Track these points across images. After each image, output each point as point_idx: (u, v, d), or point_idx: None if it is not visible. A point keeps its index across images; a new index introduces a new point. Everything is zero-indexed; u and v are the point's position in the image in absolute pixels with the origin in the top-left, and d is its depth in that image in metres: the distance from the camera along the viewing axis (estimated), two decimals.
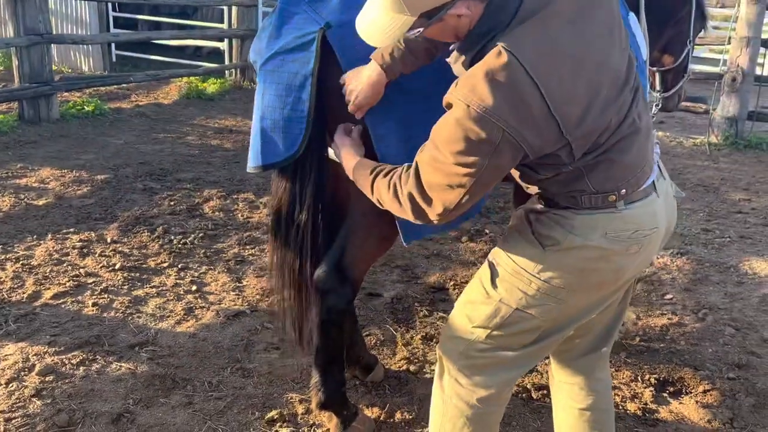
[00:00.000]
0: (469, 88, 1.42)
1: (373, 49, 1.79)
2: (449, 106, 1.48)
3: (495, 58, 1.41)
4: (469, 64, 1.50)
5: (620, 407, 2.68)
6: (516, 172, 1.66)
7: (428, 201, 1.56)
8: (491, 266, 1.74)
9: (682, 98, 3.42)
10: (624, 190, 1.59)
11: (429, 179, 1.54)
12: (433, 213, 1.57)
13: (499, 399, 1.83)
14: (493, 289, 1.71)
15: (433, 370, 2.08)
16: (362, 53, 1.84)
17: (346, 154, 1.90)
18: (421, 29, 1.49)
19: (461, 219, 2.24)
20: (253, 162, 2.12)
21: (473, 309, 1.76)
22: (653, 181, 1.67)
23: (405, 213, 1.63)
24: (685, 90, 3.41)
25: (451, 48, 1.59)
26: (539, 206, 1.69)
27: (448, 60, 1.59)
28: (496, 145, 1.43)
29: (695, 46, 3.44)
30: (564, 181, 1.57)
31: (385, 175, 1.69)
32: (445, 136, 1.47)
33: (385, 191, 1.65)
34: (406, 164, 1.64)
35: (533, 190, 1.69)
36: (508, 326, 1.70)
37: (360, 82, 1.86)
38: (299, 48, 1.95)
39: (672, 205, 1.79)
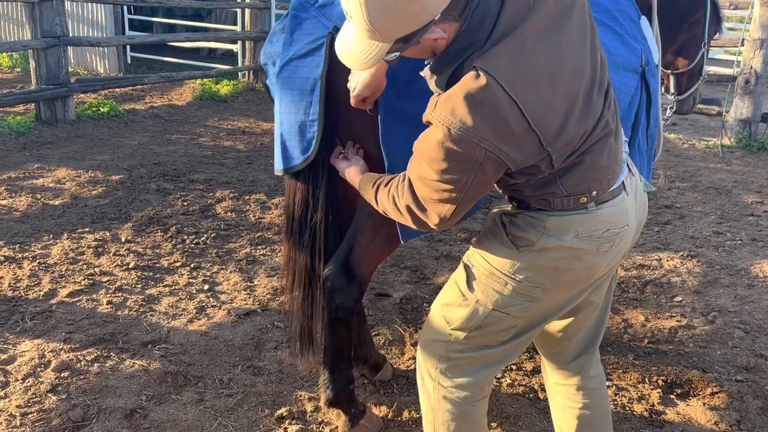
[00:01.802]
0: (448, 111, 1.43)
1: None
2: (429, 123, 1.50)
3: (473, 79, 1.42)
4: (445, 82, 1.51)
5: (627, 408, 2.70)
6: None
7: (424, 211, 1.60)
8: (466, 268, 1.76)
9: (697, 101, 3.40)
10: (595, 192, 1.61)
11: (420, 193, 1.58)
12: (431, 222, 1.61)
13: (483, 393, 1.87)
14: (470, 291, 1.74)
15: None
16: None
17: (352, 175, 1.94)
18: (398, 53, 1.49)
19: (474, 209, 2.27)
20: (277, 165, 2.20)
21: (450, 311, 1.78)
22: (623, 180, 1.68)
23: (408, 222, 1.68)
24: (701, 93, 3.39)
25: (426, 63, 1.60)
26: (512, 208, 1.72)
27: (422, 74, 1.61)
28: (479, 162, 1.45)
29: (709, 48, 3.43)
30: (536, 184, 1.59)
31: (386, 186, 1.72)
32: (429, 156, 1.50)
33: (387, 202, 1.70)
34: (403, 174, 1.67)
35: (506, 193, 1.72)
36: (485, 327, 1.73)
37: (361, 73, 1.85)
38: (310, 53, 1.99)
39: (643, 200, 1.81)
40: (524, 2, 1.46)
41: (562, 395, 2.06)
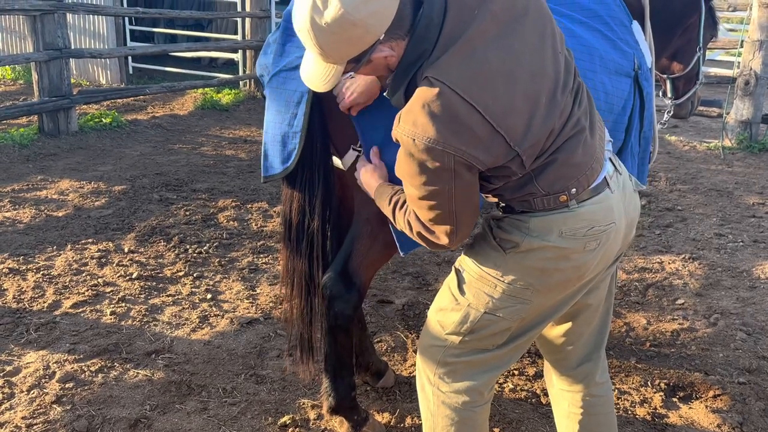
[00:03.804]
0: (411, 123, 1.48)
1: None
2: (397, 141, 1.55)
3: (428, 89, 1.47)
4: (403, 95, 1.56)
5: (630, 412, 2.70)
6: None
7: (432, 234, 1.65)
8: (458, 273, 1.80)
9: (696, 105, 3.39)
10: (574, 189, 1.62)
11: (421, 216, 1.63)
12: (443, 242, 1.66)
13: (483, 398, 1.87)
14: (461, 295, 1.76)
15: None
16: None
17: (368, 179, 1.94)
18: (353, 72, 1.58)
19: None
20: (262, 173, 2.22)
21: (444, 316, 1.81)
22: (605, 178, 1.69)
23: (427, 246, 1.72)
24: (699, 96, 3.39)
25: (387, 82, 1.65)
26: (498, 213, 1.75)
27: (385, 95, 1.66)
28: (452, 169, 1.50)
29: (709, 50, 3.42)
30: (515, 187, 1.62)
31: (401, 208, 1.74)
32: (406, 172, 1.56)
33: (405, 227, 1.73)
34: None
35: (491, 198, 1.75)
36: (478, 330, 1.74)
37: (357, 80, 1.90)
38: (300, 66, 2.01)
39: (633, 199, 1.81)
40: (467, 11, 1.50)
41: (568, 402, 2.06)
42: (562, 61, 1.60)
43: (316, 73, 1.58)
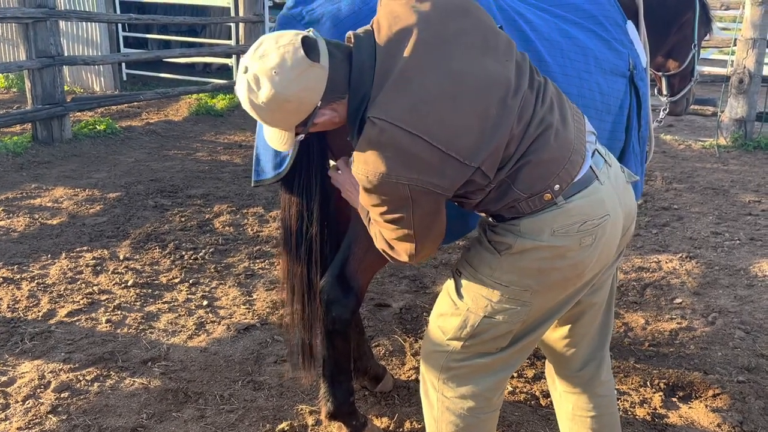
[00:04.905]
0: (362, 162, 1.54)
1: None
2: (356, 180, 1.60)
3: (370, 128, 1.52)
4: (356, 139, 1.61)
5: (629, 413, 2.69)
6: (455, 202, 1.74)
7: (393, 250, 1.72)
8: (455, 277, 1.79)
9: (691, 102, 3.40)
10: (557, 186, 1.61)
11: (384, 235, 1.69)
12: (403, 259, 1.72)
13: (491, 405, 1.85)
14: (460, 299, 1.75)
15: None
16: None
17: (347, 186, 1.93)
18: (304, 134, 1.67)
19: (464, 230, 2.27)
20: (253, 177, 2.20)
21: (444, 321, 1.80)
22: (592, 169, 1.67)
23: (390, 260, 1.79)
24: (694, 93, 3.40)
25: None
26: (491, 220, 1.75)
27: (349, 140, 1.71)
28: (409, 197, 1.54)
29: (702, 48, 3.43)
30: (496, 198, 1.63)
31: (372, 222, 1.78)
32: (367, 203, 1.63)
33: (373, 237, 1.79)
34: None
35: (479, 211, 1.76)
36: (479, 334, 1.73)
37: (346, 181, 1.92)
38: None
39: (627, 191, 1.79)
40: (395, 45, 1.55)
41: (572, 404, 2.04)
42: (511, 67, 1.61)
43: (274, 138, 1.68)
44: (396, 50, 1.55)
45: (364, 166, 1.53)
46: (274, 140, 1.69)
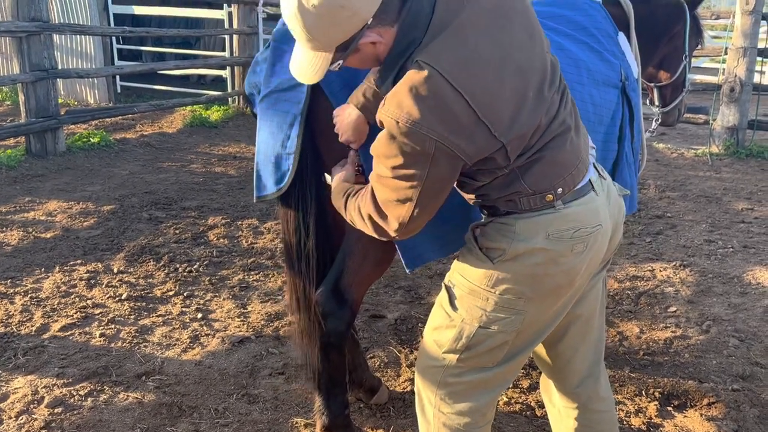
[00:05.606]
0: (396, 104, 1.46)
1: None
2: (381, 123, 1.53)
3: (416, 72, 1.45)
4: (392, 84, 1.55)
5: (624, 422, 2.69)
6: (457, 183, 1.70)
7: (384, 217, 1.62)
8: (448, 290, 1.77)
9: (683, 113, 3.44)
10: (560, 189, 1.62)
11: (380, 196, 1.60)
12: (391, 228, 1.62)
13: (486, 419, 1.84)
14: (454, 311, 1.74)
15: None
16: (352, 91, 1.89)
17: (335, 180, 1.94)
18: (341, 61, 1.56)
19: (461, 242, 2.27)
20: (255, 193, 2.22)
21: (439, 334, 1.78)
22: (590, 180, 1.69)
23: (370, 231, 1.69)
24: (686, 104, 3.43)
25: (375, 70, 1.65)
26: (482, 218, 1.74)
27: (375, 82, 1.65)
28: (431, 155, 1.47)
29: (693, 57, 3.47)
30: (501, 185, 1.61)
31: (354, 196, 1.74)
32: (383, 152, 1.53)
33: (354, 212, 1.71)
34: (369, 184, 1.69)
35: (475, 199, 1.73)
36: (475, 346, 1.71)
37: (342, 122, 1.90)
38: (291, 88, 2.01)
39: (618, 205, 1.81)
40: (456, 3, 1.51)
41: (572, 418, 2.03)
42: (548, 60, 1.61)
43: (305, 64, 1.57)
44: (457, 6, 1.50)
45: (397, 109, 1.45)
46: (306, 68, 1.57)
